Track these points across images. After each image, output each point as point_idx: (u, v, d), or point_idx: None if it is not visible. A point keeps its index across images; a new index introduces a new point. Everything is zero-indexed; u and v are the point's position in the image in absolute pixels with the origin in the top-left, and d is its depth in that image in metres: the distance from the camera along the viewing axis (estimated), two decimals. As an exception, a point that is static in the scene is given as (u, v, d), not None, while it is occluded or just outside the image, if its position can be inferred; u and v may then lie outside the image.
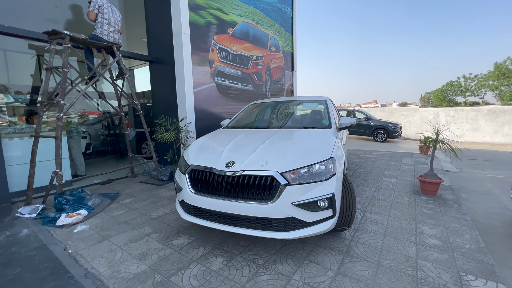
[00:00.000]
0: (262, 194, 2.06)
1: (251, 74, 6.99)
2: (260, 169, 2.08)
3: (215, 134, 3.25)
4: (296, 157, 2.17)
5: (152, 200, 3.81)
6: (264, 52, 7.55)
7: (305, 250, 2.32)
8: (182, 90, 5.04)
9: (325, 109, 3.46)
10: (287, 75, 9.02)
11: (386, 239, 2.51)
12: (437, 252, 2.26)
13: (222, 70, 5.99)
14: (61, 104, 3.57)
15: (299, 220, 2.03)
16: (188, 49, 5.02)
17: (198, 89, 5.35)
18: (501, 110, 11.49)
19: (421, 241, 2.46)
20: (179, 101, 5.13)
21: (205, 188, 2.30)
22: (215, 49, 5.76)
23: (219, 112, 6.00)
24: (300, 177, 2.05)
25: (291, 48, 9.17)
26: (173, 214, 3.26)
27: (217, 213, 2.23)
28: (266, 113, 3.75)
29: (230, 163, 2.21)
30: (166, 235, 2.68)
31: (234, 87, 6.43)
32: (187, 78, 5.03)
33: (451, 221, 2.90)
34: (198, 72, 5.34)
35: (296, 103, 3.82)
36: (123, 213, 3.34)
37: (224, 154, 2.38)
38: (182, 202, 2.54)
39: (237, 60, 6.45)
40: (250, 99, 7.04)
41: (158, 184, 4.63)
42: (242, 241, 2.52)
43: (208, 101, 5.67)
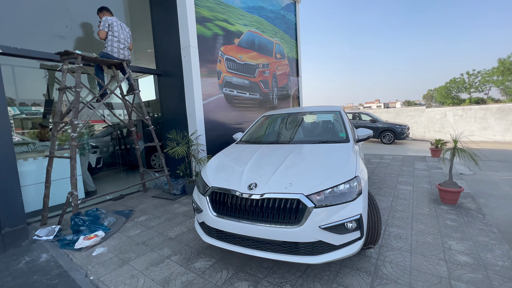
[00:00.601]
0: (288, 218, 2.01)
1: (258, 83, 6.97)
2: (285, 191, 2.04)
3: (231, 150, 3.22)
4: (320, 177, 2.12)
5: (167, 217, 3.77)
6: (270, 60, 7.54)
7: (331, 272, 2.26)
8: (191, 102, 5.04)
9: (340, 120, 3.41)
10: (293, 81, 9.00)
11: (413, 256, 2.43)
12: (470, 271, 2.18)
13: (230, 80, 5.99)
14: (74, 124, 3.57)
15: (327, 243, 1.98)
16: (196, 61, 5.02)
17: (207, 100, 5.35)
18: (511, 108, 11.31)
19: (451, 258, 2.38)
20: (188, 114, 5.12)
21: (228, 211, 2.25)
22: (223, 60, 5.76)
23: (228, 122, 5.98)
24: (326, 198, 2.00)
25: (295, 54, 9.16)
26: (191, 232, 3.21)
27: (241, 236, 2.18)
28: (279, 126, 3.71)
29: (252, 185, 2.17)
30: (186, 257, 2.64)
31: (242, 97, 6.41)
32: (196, 91, 5.03)
33: (478, 234, 2.81)
34: (207, 84, 5.34)
35: (309, 114, 3.78)
36: (140, 233, 3.30)
37: (245, 175, 2.34)
38: (202, 224, 2.50)
39: (244, 69, 6.44)
40: (258, 107, 7.02)
41: (171, 198, 4.60)
42: (265, 263, 2.46)
43: (217, 112, 5.66)
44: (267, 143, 3.22)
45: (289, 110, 4.05)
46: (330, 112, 3.63)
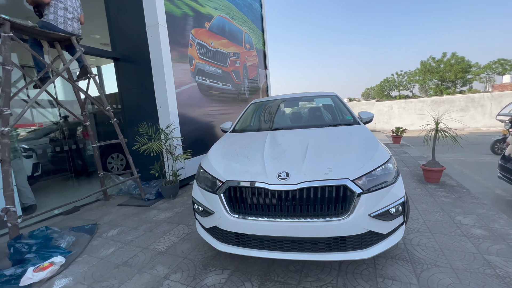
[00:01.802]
0: (333, 208, 1.69)
1: (230, 73, 6.49)
2: (326, 178, 1.71)
3: (231, 139, 2.74)
4: (358, 160, 1.86)
5: (147, 228, 3.07)
6: (240, 49, 7.12)
7: (368, 265, 2.03)
8: (162, 91, 4.30)
9: (340, 103, 3.25)
10: (261, 73, 8.75)
11: (435, 236, 2.38)
12: (492, 243, 2.21)
13: (202, 68, 5.38)
14: (5, 114, 2.60)
15: (376, 233, 1.72)
16: (166, 43, 4.30)
17: (180, 89, 4.66)
18: (441, 100, 13.26)
19: (468, 232, 2.40)
20: (159, 105, 4.37)
21: (251, 209, 1.81)
22: (194, 44, 5.12)
23: (203, 114, 5.37)
24: (369, 182, 1.74)
25: (262, 45, 8.92)
26: (185, 242, 2.64)
27: (272, 238, 1.77)
28: (277, 111, 3.36)
29: (282, 174, 1.78)
30: (191, 274, 2.09)
31: (215, 87, 5.85)
32: (168, 78, 4.31)
33: (474, 207, 2.96)
34: (178, 71, 4.65)
35: (306, 99, 3.54)
36: (116, 251, 2.57)
37: (268, 164, 1.92)
38: (214, 230, 2.00)
39: (216, 57, 5.89)
40: (231, 99, 6.55)
41: (144, 205, 3.83)
42: (291, 265, 2.10)
43: (191, 103, 5.00)
44: (272, 130, 2.84)
45: (282, 96, 3.74)
46: (327, 96, 3.45)
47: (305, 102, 3.49)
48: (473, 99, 12.48)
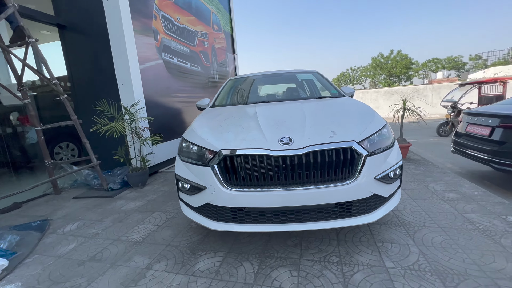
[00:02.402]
0: (340, 173, 1.59)
1: (198, 53, 6.03)
2: (332, 140, 1.60)
3: (215, 112, 2.46)
4: (358, 125, 1.79)
5: (114, 218, 2.65)
6: (208, 30, 6.66)
7: (364, 232, 2.02)
8: (124, 67, 3.74)
9: (322, 79, 3.20)
10: (230, 58, 8.38)
11: (417, 201, 2.50)
12: (465, 203, 2.40)
13: (169, 44, 4.86)
14: None
15: (379, 196, 1.69)
16: (127, 10, 3.72)
17: (144, 66, 4.12)
18: (393, 91, 14.59)
19: (443, 196, 2.58)
20: (120, 82, 3.80)
21: (251, 179, 1.62)
22: (158, 16, 4.57)
23: (171, 97, 4.89)
24: (372, 145, 1.68)
25: (230, 29, 8.53)
26: (165, 229, 2.32)
27: (275, 210, 1.61)
28: (260, 86, 3.16)
29: (285, 139, 1.62)
30: (178, 261, 1.83)
31: (183, 67, 5.37)
32: (131, 51, 3.76)
33: (441, 175, 3.23)
34: (142, 44, 4.10)
35: (288, 75, 3.40)
36: (78, 246, 2.14)
37: (266, 130, 1.74)
38: (206, 207, 1.76)
39: (183, 34, 5.39)
40: (201, 82, 6.12)
41: (107, 196, 3.32)
42: (288, 240, 1.98)
43: (158, 83, 4.49)
44: (258, 102, 2.64)
45: (261, 72, 3.54)
46: (309, 73, 3.37)
47: (287, 77, 3.35)
48: (418, 90, 14.01)
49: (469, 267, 1.54)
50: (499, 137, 3.20)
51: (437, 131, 8.00)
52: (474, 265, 1.55)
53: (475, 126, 3.69)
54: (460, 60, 44.45)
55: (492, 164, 3.16)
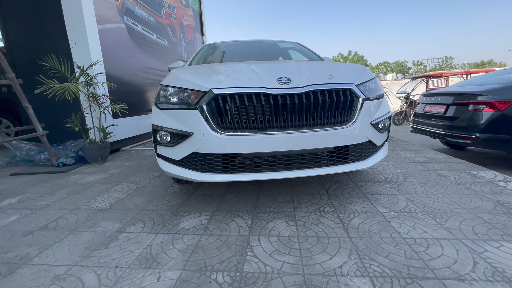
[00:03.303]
0: (339, 116, 1.52)
1: (165, 26, 5.53)
2: (330, 81, 1.52)
3: (194, 65, 2.21)
4: (352, 73, 1.75)
5: (69, 191, 2.23)
6: (176, 2, 6.16)
7: (352, 188, 2.02)
8: (78, 22, 3.18)
9: (305, 49, 3.13)
10: (198, 38, 7.93)
11: (393, 164, 2.63)
12: (433, 163, 2.60)
13: (132, 9, 4.32)
14: None
15: (373, 144, 1.68)
16: (81, -45, 3.16)
17: (104, 26, 3.58)
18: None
19: (414, 160, 2.77)
20: (73, 40, 3.22)
21: (246, 122, 1.45)
22: (120, -27, 4.01)
23: (135, 68, 4.37)
24: (368, 91, 1.66)
25: (198, 7, 8.05)
26: (136, 196, 2.02)
27: (272, 155, 1.48)
28: (243, 50, 2.96)
29: (283, 79, 1.49)
30: (157, 222, 1.58)
31: (149, 38, 4.86)
32: (87, 6, 3.21)
33: (408, 146, 3.49)
34: (100, 2, 3.55)
35: (268, 42, 3.25)
36: (22, 218, 1.72)
37: (261, 72, 1.58)
38: (192, 158, 1.54)
39: (148, 1, 4.86)
40: (168, 58, 5.63)
41: (57, 171, 2.81)
42: (278, 197, 1.87)
43: (120, 49, 3.96)
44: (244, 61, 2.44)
45: (243, 40, 3.33)
46: (291, 43, 3.28)
47: (269, 45, 3.21)
48: (374, 86, 15.39)
49: (452, 206, 1.62)
50: (453, 113, 3.55)
51: (393, 119, 8.75)
52: (456, 205, 1.64)
53: (432, 105, 4.05)
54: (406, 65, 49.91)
55: (446, 138, 3.50)
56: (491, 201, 1.68)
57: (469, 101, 3.35)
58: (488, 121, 3.16)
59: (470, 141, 3.25)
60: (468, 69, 38.34)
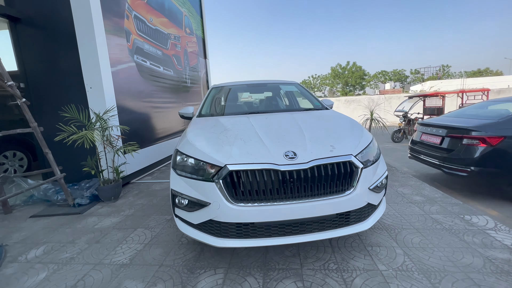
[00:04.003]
0: (340, 185, 1.70)
1: (171, 57, 5.79)
2: (332, 154, 1.70)
3: (206, 123, 2.40)
4: (351, 138, 1.94)
5: (89, 239, 2.38)
6: (181, 33, 6.45)
7: (353, 238, 2.17)
8: (94, 68, 3.41)
9: (304, 92, 3.36)
10: (202, 62, 8.22)
11: (391, 205, 2.78)
12: (429, 205, 2.75)
13: (141, 46, 4.58)
14: None
15: (372, 205, 1.85)
16: (97, 8, 3.41)
17: (116, 68, 3.82)
18: (352, 100, 15.91)
19: (411, 199, 2.92)
20: (89, 85, 3.45)
21: (258, 194, 1.63)
22: (131, 16, 4.28)
23: (144, 102, 4.60)
24: (366, 158, 1.84)
25: (202, 32, 8.38)
26: (153, 247, 2.18)
27: (280, 223, 1.64)
28: (248, 96, 3.18)
29: (289, 154, 1.67)
30: (177, 282, 1.73)
31: (156, 71, 5.10)
32: (102, 52, 3.45)
33: (406, 180, 3.64)
34: (114, 45, 3.79)
35: (271, 85, 3.48)
36: (51, 276, 1.88)
37: (269, 144, 1.77)
38: (208, 224, 1.70)
39: (156, 36, 5.13)
40: (173, 87, 5.88)
41: (74, 212, 2.97)
42: (286, 251, 2.03)
43: (130, 87, 4.19)
44: (248, 113, 2.65)
45: (245, 81, 3.57)
46: (291, 84, 3.51)
47: (271, 88, 3.43)
48: (373, 99, 15.54)
49: (445, 264, 1.78)
50: (448, 145, 3.73)
51: (392, 137, 8.93)
52: (449, 262, 1.80)
53: (428, 135, 4.24)
54: (403, 74, 50.63)
55: (443, 169, 3.67)
56: (481, 257, 1.83)
57: (463, 135, 3.54)
58: (482, 155, 3.33)
59: (466, 174, 3.41)
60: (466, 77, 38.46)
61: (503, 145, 3.28)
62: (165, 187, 3.84)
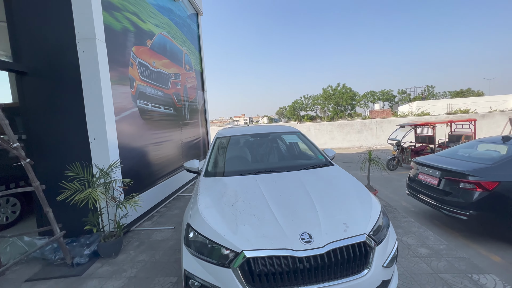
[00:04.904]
0: (356, 266, 1.71)
1: (171, 95, 5.91)
2: (347, 236, 1.73)
3: (215, 189, 2.42)
4: (363, 212, 1.97)
5: (93, 312, 2.26)
6: (181, 70, 6.64)
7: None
8: (98, 120, 3.43)
9: (306, 141, 3.44)
10: (200, 95, 8.39)
11: (399, 261, 2.78)
12: (436, 260, 2.77)
13: (144, 90, 4.67)
14: None
15: (386, 281, 1.85)
16: (105, 61, 3.51)
17: (120, 117, 3.86)
18: (345, 124, 16.31)
19: (418, 253, 2.93)
20: (92, 136, 3.45)
21: (275, 280, 1.62)
22: (135, 64, 4.41)
23: (145, 144, 4.60)
24: (378, 234, 1.87)
25: (200, 67, 8.64)
26: (162, 324, 2.08)
27: (298, 310, 1.62)
28: (247, 149, 3.24)
29: (305, 236, 1.69)
30: None
31: (157, 112, 5.17)
32: (107, 103, 3.50)
33: (408, 225, 3.68)
34: (118, 94, 3.86)
35: (274, 135, 3.56)
36: None
37: (283, 223, 1.79)
38: (224, 311, 1.66)
39: (158, 78, 5.26)
40: (173, 125, 5.93)
41: (73, 274, 2.84)
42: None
43: (133, 132, 4.21)
44: (254, 173, 2.68)
45: (247, 129, 3.65)
46: (293, 133, 3.60)
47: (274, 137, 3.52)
48: (365, 124, 16.00)
49: None
50: (445, 187, 3.82)
51: (387, 165, 9.10)
52: None
53: (425, 175, 4.34)
54: (391, 93, 52.66)
55: (442, 211, 3.74)
56: (496, 332, 1.83)
57: (460, 179, 3.64)
58: (479, 199, 3.42)
59: (465, 217, 3.48)
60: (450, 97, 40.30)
61: (499, 190, 3.38)
62: (166, 236, 3.74)
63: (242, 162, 3.06)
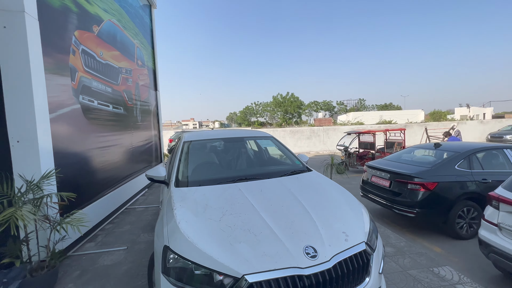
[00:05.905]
0: (358, 275, 1.63)
1: (121, 93, 5.12)
2: (349, 245, 1.64)
3: (194, 201, 2.05)
4: (356, 219, 1.94)
5: None
6: (133, 66, 5.86)
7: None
8: (26, 117, 2.65)
9: (281, 146, 3.35)
10: (152, 95, 7.58)
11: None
12: (401, 257, 2.98)
13: (89, 84, 3.89)
14: None
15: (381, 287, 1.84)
16: (37, 44, 2.76)
17: (56, 114, 3.08)
18: (296, 130, 17.18)
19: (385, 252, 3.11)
20: (15, 138, 2.63)
21: (281, 306, 1.41)
22: (78, 51, 3.63)
23: (88, 149, 3.81)
24: (371, 239, 1.85)
25: (153, 63, 7.83)
26: None
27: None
28: (221, 155, 2.95)
29: (309, 251, 1.54)
30: None
31: (105, 111, 4.38)
32: (39, 96, 2.74)
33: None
34: (55, 86, 3.08)
35: (248, 139, 3.34)
36: None
37: (283, 237, 1.60)
38: None
39: (106, 71, 4.48)
40: (123, 127, 5.14)
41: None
42: None
43: (73, 134, 3.42)
44: (234, 181, 2.41)
45: (218, 134, 3.35)
46: (267, 138, 3.46)
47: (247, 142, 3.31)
48: (314, 131, 17.18)
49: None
50: (395, 189, 4.26)
51: (336, 169, 9.84)
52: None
53: (378, 178, 4.77)
54: (331, 104, 58.43)
55: (393, 209, 4.14)
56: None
57: (408, 181, 4.09)
58: (423, 198, 3.89)
59: (413, 215, 3.91)
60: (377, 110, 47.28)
61: (438, 189, 3.92)
62: (117, 259, 3.11)
63: (219, 169, 2.76)
